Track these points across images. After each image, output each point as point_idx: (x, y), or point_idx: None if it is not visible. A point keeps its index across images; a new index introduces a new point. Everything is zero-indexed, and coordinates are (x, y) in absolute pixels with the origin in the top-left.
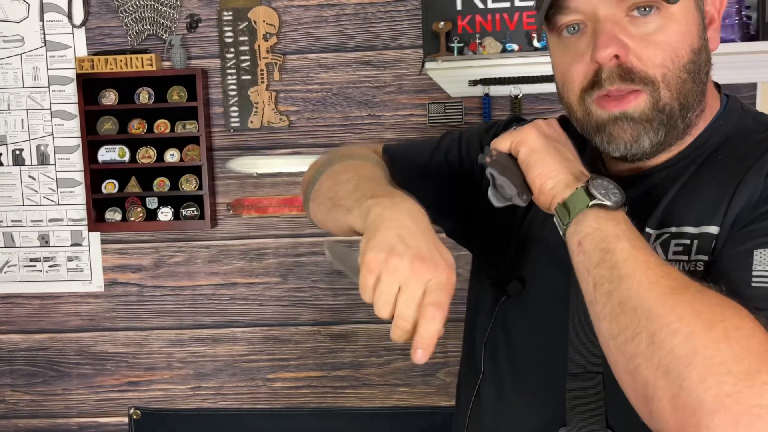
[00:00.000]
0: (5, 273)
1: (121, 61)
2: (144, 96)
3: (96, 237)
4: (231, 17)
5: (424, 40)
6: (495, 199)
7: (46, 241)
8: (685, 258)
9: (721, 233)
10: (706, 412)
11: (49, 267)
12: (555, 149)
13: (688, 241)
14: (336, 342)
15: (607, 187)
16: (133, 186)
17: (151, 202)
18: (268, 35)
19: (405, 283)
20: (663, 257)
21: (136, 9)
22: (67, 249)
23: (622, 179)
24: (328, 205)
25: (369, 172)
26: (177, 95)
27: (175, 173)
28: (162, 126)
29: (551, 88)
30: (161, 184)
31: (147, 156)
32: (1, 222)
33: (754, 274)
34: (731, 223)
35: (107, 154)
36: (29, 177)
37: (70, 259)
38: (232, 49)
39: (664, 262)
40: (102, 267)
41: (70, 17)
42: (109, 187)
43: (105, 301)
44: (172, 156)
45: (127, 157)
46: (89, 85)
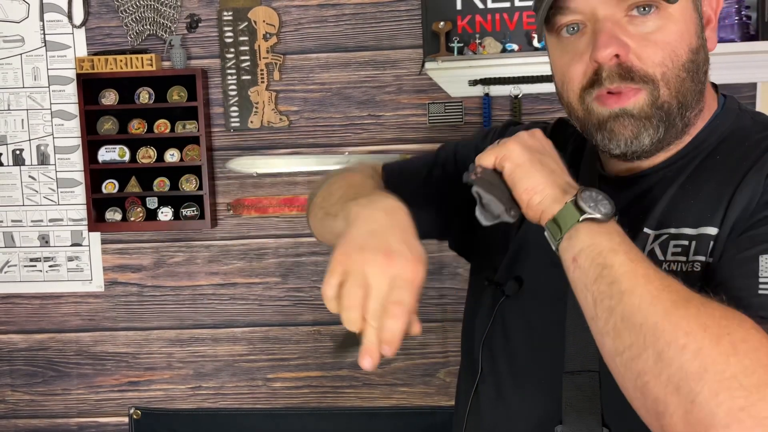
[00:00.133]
0: (5, 273)
1: (121, 61)
2: (144, 96)
3: (96, 237)
4: (231, 17)
5: (424, 40)
6: (483, 217)
7: (47, 241)
8: (683, 259)
9: (720, 234)
10: (719, 426)
11: (49, 267)
12: (540, 162)
13: (686, 242)
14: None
15: (596, 199)
16: (133, 186)
17: (151, 202)
18: (268, 35)
19: (370, 279)
20: (662, 257)
21: (136, 9)
22: (67, 249)
23: (620, 179)
24: (320, 215)
25: (358, 181)
26: (177, 95)
27: (175, 173)
28: (162, 126)
29: (551, 88)
30: (161, 184)
31: (147, 156)
32: (1, 222)
33: (761, 281)
34: (731, 225)
35: (107, 154)
36: (29, 177)
37: (70, 259)
38: (232, 49)
39: (663, 274)
40: (102, 267)
41: (70, 17)
42: (109, 187)
43: (105, 301)
44: (172, 156)
45: (127, 157)
46: (89, 85)
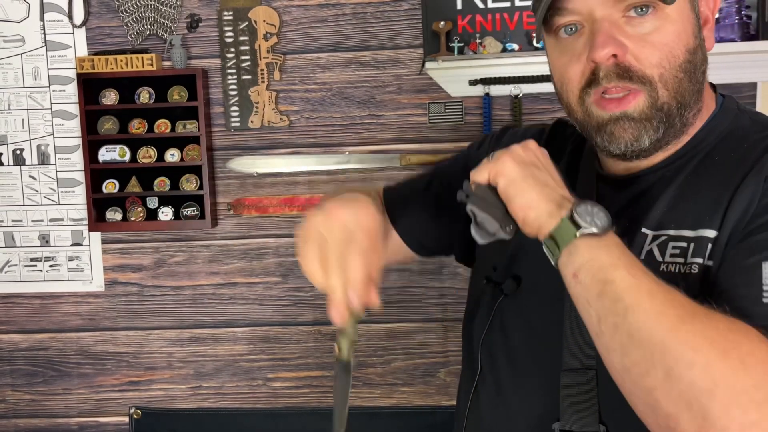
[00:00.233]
0: (6, 273)
1: (121, 60)
2: (144, 96)
3: (96, 237)
4: (231, 17)
5: (425, 40)
6: (479, 236)
7: (47, 241)
8: (682, 261)
9: (719, 237)
10: None
11: (50, 267)
12: (533, 177)
13: (684, 244)
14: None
15: (592, 212)
16: (134, 186)
17: (152, 202)
18: (269, 35)
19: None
20: (660, 258)
21: (136, 9)
22: (67, 249)
23: (619, 179)
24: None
25: (348, 195)
26: (177, 95)
27: (175, 173)
28: (162, 126)
29: (551, 87)
30: (162, 184)
31: (147, 156)
32: (1, 222)
33: (765, 289)
34: (730, 228)
35: (108, 154)
36: (30, 177)
37: (71, 258)
38: (233, 49)
39: (666, 287)
40: (102, 267)
41: (70, 17)
42: (110, 186)
43: (105, 300)
44: (172, 156)
45: (127, 157)
46: (90, 85)
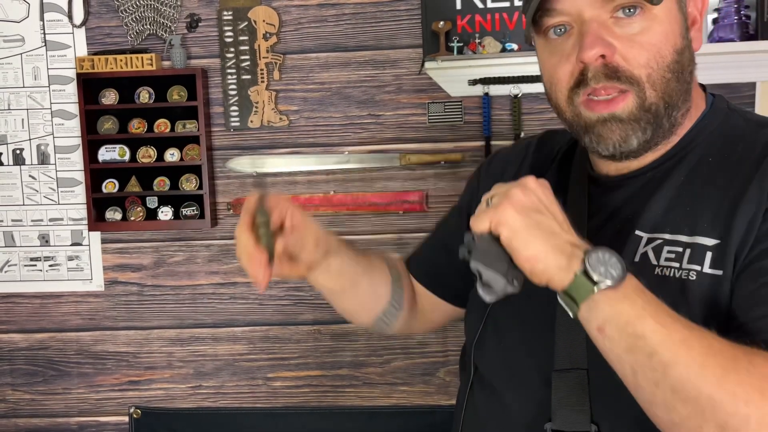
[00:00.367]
0: (6, 272)
1: (121, 60)
2: (144, 95)
3: (96, 236)
4: (231, 17)
5: (424, 40)
6: (486, 294)
7: (47, 241)
8: (677, 265)
9: (722, 247)
10: None
11: (50, 266)
12: (537, 225)
13: (680, 249)
14: (336, 341)
15: (605, 261)
16: (134, 185)
17: (151, 202)
18: (268, 35)
19: None
20: (655, 262)
21: (136, 9)
22: (67, 248)
23: (610, 180)
24: None
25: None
26: (177, 95)
27: (175, 173)
28: (162, 125)
29: None
30: (161, 184)
31: (147, 155)
32: (1, 221)
33: None
34: (738, 243)
35: (107, 154)
36: (29, 176)
37: (71, 258)
38: (232, 49)
39: (697, 331)
40: (102, 266)
41: (70, 17)
42: (110, 186)
43: (105, 300)
44: (172, 155)
45: (127, 157)
46: (89, 85)
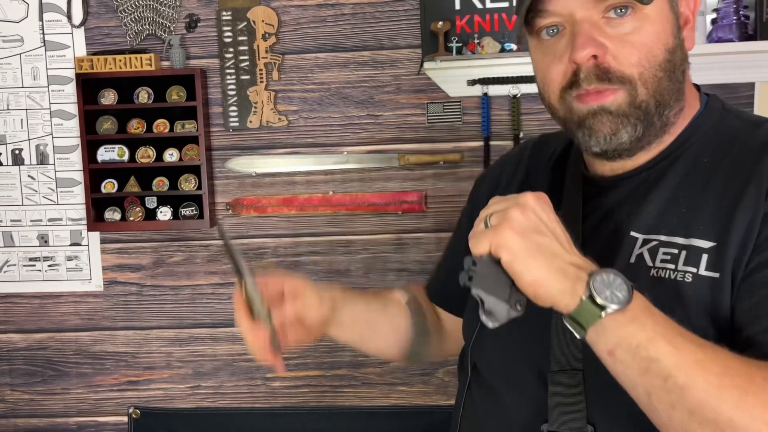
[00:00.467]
0: (4, 272)
1: (120, 60)
2: (143, 96)
3: (95, 236)
4: (230, 17)
5: (423, 40)
6: (489, 320)
7: (46, 241)
8: (672, 267)
9: (719, 249)
10: None
11: (49, 266)
12: (538, 248)
13: (675, 251)
14: (335, 341)
15: (611, 283)
16: (133, 186)
17: (150, 202)
18: (267, 35)
19: None
20: (651, 263)
21: (135, 9)
22: (66, 248)
23: (605, 180)
24: None
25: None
26: (176, 95)
27: (174, 173)
28: (161, 126)
29: None
30: (160, 184)
31: (146, 156)
32: (0, 221)
33: None
34: (737, 248)
35: (106, 154)
36: (28, 177)
37: (70, 258)
38: (231, 49)
39: (710, 350)
40: (101, 266)
41: (69, 17)
42: (109, 186)
43: (104, 300)
44: (171, 156)
45: (126, 157)
46: (88, 85)
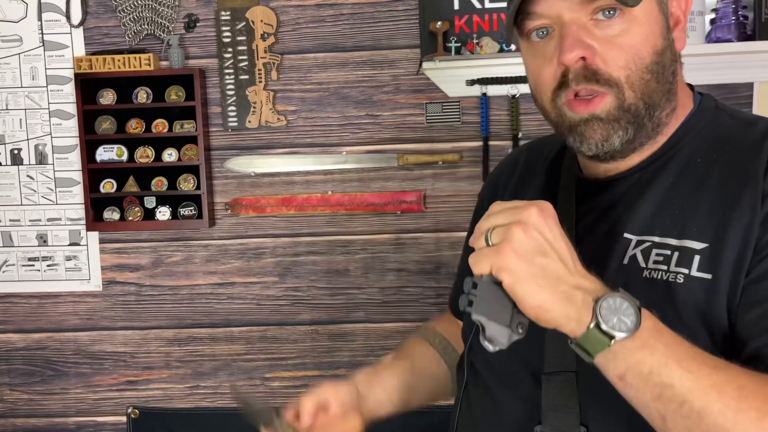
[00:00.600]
0: (3, 272)
1: (119, 60)
2: (142, 95)
3: (94, 236)
4: (229, 17)
5: (422, 40)
6: (490, 345)
7: (45, 241)
8: (665, 268)
9: (712, 251)
10: None
11: (48, 266)
12: (542, 272)
13: (668, 252)
14: (334, 341)
15: (618, 309)
16: (131, 185)
17: (149, 202)
18: (266, 35)
19: None
20: (644, 264)
21: (133, 9)
22: (65, 248)
23: (599, 182)
24: None
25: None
26: (175, 95)
27: (173, 173)
28: (160, 125)
29: None
30: (159, 184)
31: (145, 155)
32: None
33: None
34: (735, 250)
35: (105, 154)
36: (27, 176)
37: (69, 258)
38: (230, 49)
39: (726, 372)
40: (100, 266)
41: (68, 17)
42: (107, 186)
43: (103, 300)
44: (170, 155)
45: (125, 157)
46: (87, 85)
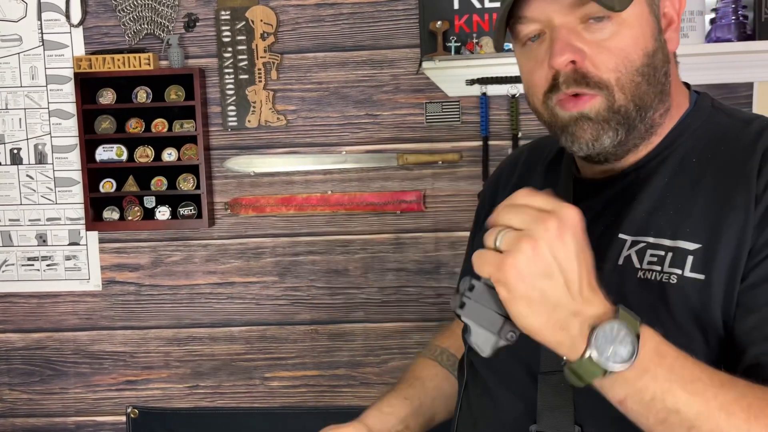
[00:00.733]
0: (3, 272)
1: (118, 60)
2: (141, 95)
3: (94, 236)
4: (228, 16)
5: (422, 40)
6: (478, 349)
7: (44, 240)
8: (658, 269)
9: (706, 251)
10: None
11: (47, 266)
12: (540, 297)
13: (662, 253)
14: (333, 341)
15: (615, 338)
16: (131, 185)
17: (149, 202)
18: (266, 34)
19: None
20: (638, 265)
21: (133, 8)
22: (64, 248)
23: (595, 182)
24: None
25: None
26: (174, 94)
27: (172, 172)
28: (159, 125)
29: None
30: (159, 184)
31: (144, 155)
32: None
33: None
34: (730, 251)
35: (105, 153)
36: (27, 176)
37: (68, 258)
38: (230, 49)
39: (733, 391)
40: (100, 266)
41: (67, 16)
42: (107, 186)
43: (102, 300)
44: (169, 155)
45: (124, 156)
46: (87, 85)
